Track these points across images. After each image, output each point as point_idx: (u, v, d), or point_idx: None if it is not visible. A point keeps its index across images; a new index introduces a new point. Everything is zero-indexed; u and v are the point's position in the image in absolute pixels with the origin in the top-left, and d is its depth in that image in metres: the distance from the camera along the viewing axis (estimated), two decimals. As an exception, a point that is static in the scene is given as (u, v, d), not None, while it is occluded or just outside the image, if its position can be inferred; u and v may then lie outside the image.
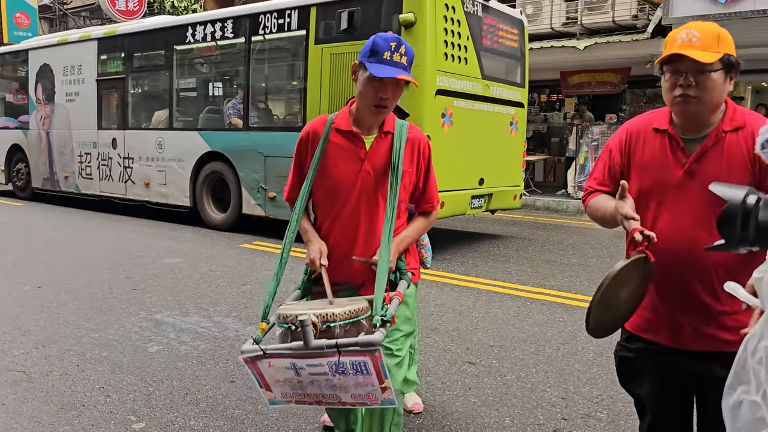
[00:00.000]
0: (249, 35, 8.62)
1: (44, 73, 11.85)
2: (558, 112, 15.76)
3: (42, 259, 7.01)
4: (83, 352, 4.15)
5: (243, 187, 8.75)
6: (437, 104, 7.11)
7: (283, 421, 3.22)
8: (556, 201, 12.08)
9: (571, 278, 6.39)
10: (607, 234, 9.33)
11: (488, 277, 6.37)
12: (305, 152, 2.44)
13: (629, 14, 11.66)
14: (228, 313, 5.04)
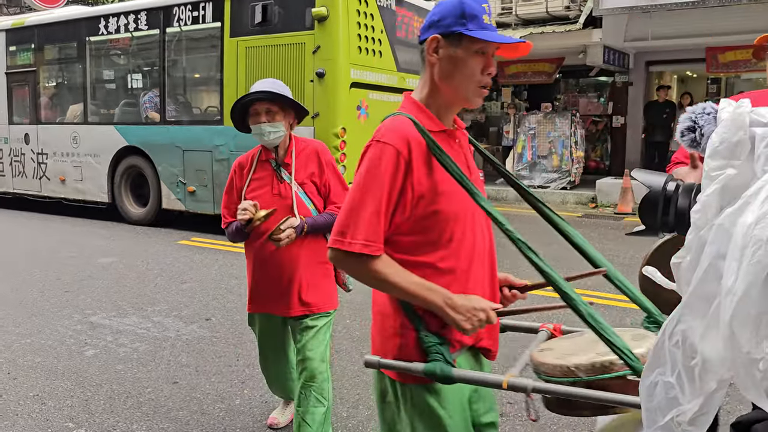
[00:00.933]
0: (164, 27, 8.48)
1: None
2: (495, 102, 16.02)
3: (-35, 263, 6.64)
4: (14, 359, 3.96)
5: (162, 181, 8.62)
6: (352, 97, 7.25)
7: (229, 420, 3.17)
8: (495, 189, 12.31)
9: (513, 268, 6.52)
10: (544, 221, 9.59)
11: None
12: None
13: (562, 5, 11.94)
14: (168, 312, 4.91)
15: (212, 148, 8.02)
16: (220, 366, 3.85)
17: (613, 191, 11.01)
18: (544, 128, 12.14)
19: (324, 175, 2.68)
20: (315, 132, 7.15)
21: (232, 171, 2.74)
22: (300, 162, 2.67)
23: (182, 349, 4.14)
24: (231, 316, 4.82)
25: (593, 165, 14.34)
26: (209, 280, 5.88)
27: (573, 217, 10.03)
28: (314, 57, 7.10)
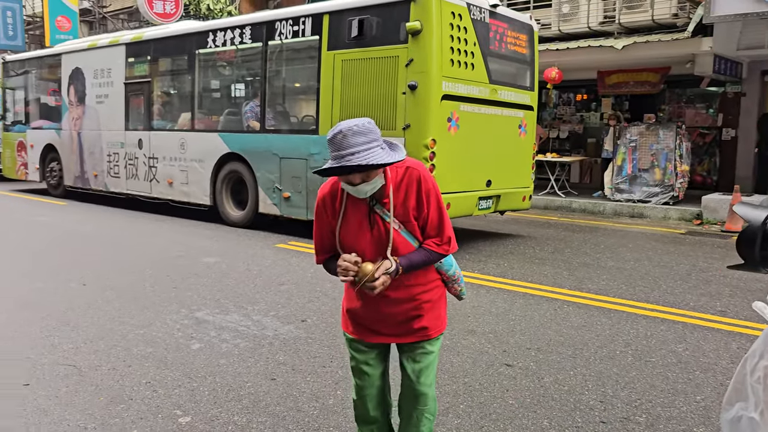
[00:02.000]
0: (266, 41, 8.91)
1: (76, 76, 12.24)
2: (594, 113, 15.56)
3: (86, 257, 7.23)
4: (129, 348, 4.29)
5: (260, 186, 9.02)
6: (443, 109, 7.30)
7: (323, 419, 3.29)
8: (593, 203, 11.95)
9: (608, 281, 6.33)
10: (644, 236, 9.21)
11: (524, 279, 6.35)
12: None
13: (669, 13, 11.45)
14: (266, 312, 5.13)
15: (307, 156, 8.32)
16: (315, 366, 3.99)
17: (721, 208, 10.40)
18: (647, 140, 11.65)
19: (424, 210, 2.34)
20: (405, 142, 7.25)
21: (320, 203, 2.39)
22: (399, 197, 2.33)
23: (279, 347, 4.32)
24: (326, 318, 4.97)
25: (699, 180, 13.62)
26: (305, 283, 6.09)
27: (675, 233, 9.56)
28: (407, 70, 7.23)
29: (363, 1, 7.91)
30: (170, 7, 17.93)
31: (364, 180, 2.23)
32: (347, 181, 2.24)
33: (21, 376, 3.82)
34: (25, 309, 5.20)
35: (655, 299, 5.64)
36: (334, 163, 2.16)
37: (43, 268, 6.68)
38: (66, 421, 3.24)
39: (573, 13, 12.42)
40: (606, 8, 12.24)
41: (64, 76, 12.53)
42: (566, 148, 15.39)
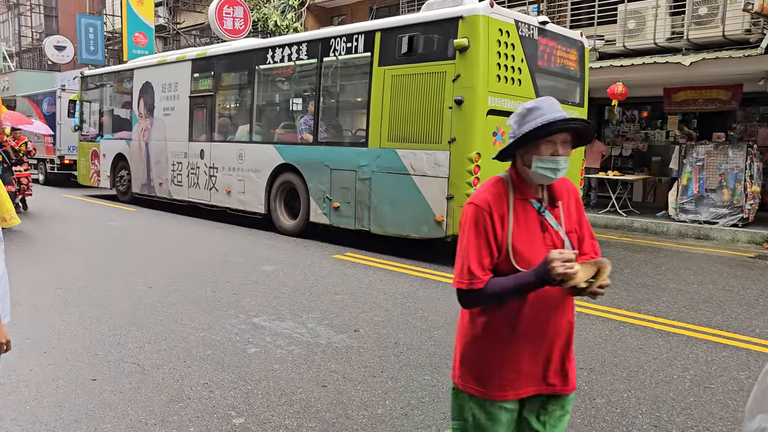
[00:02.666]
0: (321, 57, 9.19)
1: (146, 90, 12.90)
2: (660, 130, 15.13)
3: (152, 261, 7.56)
4: (189, 349, 4.47)
5: (311, 197, 9.27)
6: (489, 123, 7.37)
7: (371, 427, 3.34)
8: (656, 223, 11.60)
9: (669, 304, 6.15)
10: (709, 259, 8.88)
11: (579, 298, 6.23)
12: None
13: (741, 28, 11.06)
14: (320, 320, 5.25)
15: (356, 167, 8.49)
16: (366, 375, 4.06)
17: (795, 232, 9.91)
18: (715, 160, 11.25)
19: (582, 221, 2.11)
20: (451, 156, 7.33)
21: (481, 209, 1.96)
22: (566, 205, 2.06)
23: (332, 355, 4.41)
24: (378, 329, 5.04)
25: (772, 201, 12.99)
26: (359, 294, 6.18)
27: (744, 257, 9.18)
28: (454, 85, 7.32)
29: (413, 18, 8.11)
30: (239, 24, 18.59)
31: (565, 154, 1.95)
32: (550, 153, 1.92)
33: (89, 371, 4.05)
34: (97, 308, 5.50)
35: (718, 324, 5.45)
36: (549, 118, 1.87)
37: (114, 270, 7.03)
38: (128, 416, 3.42)
39: (639, 29, 12.17)
40: (674, 24, 11.94)
41: (136, 90, 13.20)
42: (629, 166, 15.01)
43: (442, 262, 7.81)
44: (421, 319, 5.33)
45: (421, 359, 4.37)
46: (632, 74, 12.09)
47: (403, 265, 7.63)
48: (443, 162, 7.44)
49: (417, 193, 7.74)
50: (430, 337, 4.85)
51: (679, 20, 11.84)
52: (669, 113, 14.40)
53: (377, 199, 8.25)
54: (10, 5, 36.41)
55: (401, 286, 6.58)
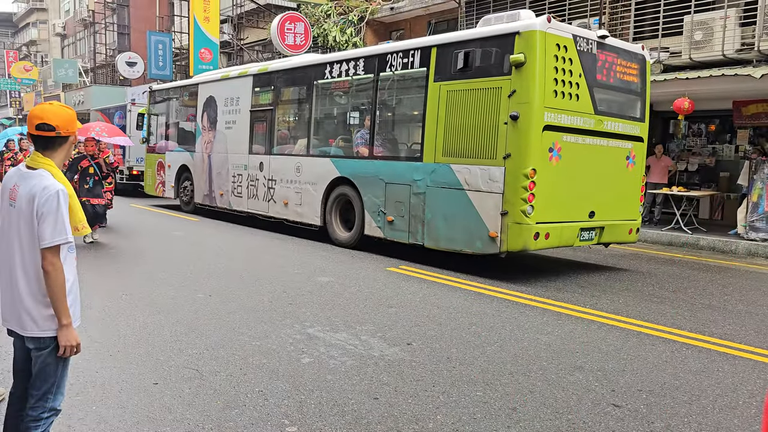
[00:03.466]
0: (378, 72, 9.33)
1: (210, 104, 13.37)
2: (729, 145, 14.56)
3: (213, 271, 7.79)
4: (246, 357, 4.59)
5: (366, 210, 9.37)
6: (545, 139, 7.29)
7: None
8: (723, 241, 11.15)
9: (735, 326, 5.90)
10: (781, 280, 8.47)
11: (640, 317, 6.07)
12: None
13: (817, 39, 10.58)
14: (374, 332, 5.29)
15: (411, 182, 8.53)
16: (417, 389, 4.07)
17: None
18: (788, 176, 10.74)
19: None
20: (506, 171, 7.27)
21: None
22: None
23: (384, 368, 4.44)
24: (431, 343, 5.04)
25: None
26: (413, 307, 6.20)
27: (819, 279, 8.70)
28: (509, 100, 7.27)
29: (469, 34, 8.13)
30: (300, 39, 19.04)
31: None
32: None
33: (151, 375, 4.21)
34: (160, 314, 5.72)
35: (789, 349, 5.19)
36: None
37: (177, 277, 7.29)
38: (187, 421, 3.54)
39: (706, 40, 11.79)
40: (744, 35, 11.52)
41: (200, 104, 13.70)
42: (695, 182, 14.50)
43: (496, 277, 7.74)
44: (474, 335, 5.30)
45: (473, 375, 4.35)
46: (699, 87, 11.71)
47: (457, 279, 7.61)
48: (498, 177, 7.40)
49: (471, 209, 7.72)
50: (483, 353, 4.82)
51: (750, 31, 11.42)
52: (739, 127, 13.85)
53: (431, 214, 8.27)
54: (86, 24, 38.40)
55: (455, 300, 6.56)
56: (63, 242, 2.47)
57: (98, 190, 10.02)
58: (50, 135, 2.55)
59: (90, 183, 9.92)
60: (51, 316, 2.51)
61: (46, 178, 2.50)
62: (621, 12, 13.54)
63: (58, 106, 2.62)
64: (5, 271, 2.58)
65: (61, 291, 2.48)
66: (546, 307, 6.33)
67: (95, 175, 9.97)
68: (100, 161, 10.04)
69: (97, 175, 9.99)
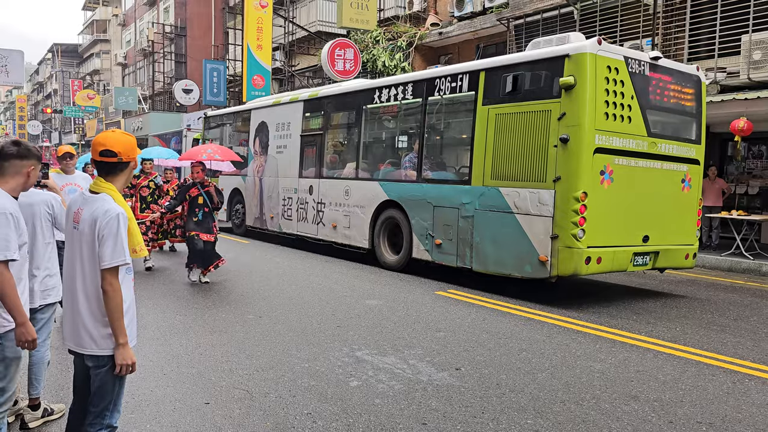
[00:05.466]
0: (426, 96, 9.38)
1: (261, 129, 13.69)
2: (792, 166, 13.99)
3: (263, 292, 7.90)
4: (295, 379, 4.62)
5: (414, 233, 9.37)
6: (596, 162, 7.19)
7: (471, 470, 3.29)
8: (758, 264, 10.66)
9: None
10: None
11: (699, 346, 5.84)
12: None
13: None
14: (422, 357, 5.25)
15: (459, 205, 8.50)
16: (467, 415, 4.01)
17: None
18: None
19: None
20: (556, 195, 7.16)
21: None
22: None
23: (432, 393, 4.40)
24: (479, 369, 4.97)
25: None
26: (462, 331, 6.14)
27: None
28: (559, 123, 7.19)
29: (518, 57, 8.10)
30: (349, 65, 19.34)
31: None
32: None
33: (203, 395, 4.29)
34: (212, 334, 5.83)
35: None
36: None
37: (229, 298, 7.43)
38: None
39: (766, 59, 11.43)
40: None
41: (252, 129, 14.06)
42: (756, 205, 13.95)
43: (546, 302, 7.59)
44: (524, 361, 5.20)
45: (523, 402, 4.26)
46: (759, 108, 11.32)
47: (506, 304, 7.50)
48: (548, 201, 7.30)
49: (520, 232, 7.62)
50: (534, 380, 4.72)
51: (812, 49, 11.01)
52: (802, 149, 13.30)
53: (479, 237, 8.20)
54: (146, 53, 40.07)
55: (504, 325, 6.46)
56: (122, 263, 2.57)
57: (208, 223, 8.66)
58: (112, 161, 2.67)
59: (199, 215, 8.57)
60: (109, 335, 2.60)
61: (108, 201, 2.62)
62: (675, 32, 13.28)
63: (120, 133, 2.74)
64: (68, 291, 2.69)
65: (119, 311, 2.57)
66: (599, 334, 6.16)
67: (205, 206, 8.59)
68: (211, 189, 8.61)
69: (207, 207, 8.60)
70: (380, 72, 19.44)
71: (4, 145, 3.05)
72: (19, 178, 3.04)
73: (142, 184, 10.38)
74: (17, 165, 3.02)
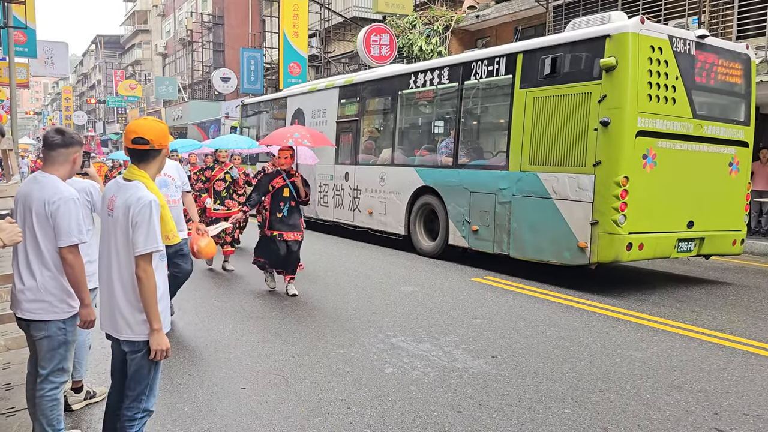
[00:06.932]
0: (462, 80, 9.23)
1: (298, 116, 13.70)
2: None
3: (299, 278, 7.92)
4: (330, 365, 4.63)
5: (450, 219, 9.28)
6: (638, 145, 6.97)
7: (506, 459, 3.24)
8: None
9: None
10: None
11: (746, 335, 5.64)
12: None
13: None
14: (458, 344, 5.20)
15: (496, 191, 8.37)
16: (502, 404, 3.95)
17: None
18: None
19: None
20: (596, 180, 6.98)
21: None
22: None
23: (468, 381, 4.35)
24: (516, 356, 4.90)
25: None
26: (498, 319, 6.06)
27: None
28: (600, 106, 6.99)
29: (557, 39, 7.90)
30: (385, 50, 19.22)
31: None
32: None
33: (240, 380, 4.33)
34: (248, 320, 5.89)
35: None
36: None
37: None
38: (272, 426, 3.60)
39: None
40: None
41: (288, 116, 14.11)
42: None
43: (585, 290, 7.44)
44: (562, 349, 5.10)
45: (561, 391, 4.18)
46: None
47: (544, 291, 7.37)
48: (587, 186, 7.13)
49: (559, 218, 7.47)
50: (572, 368, 4.62)
51: None
52: None
53: (517, 223, 8.07)
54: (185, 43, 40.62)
55: (542, 312, 6.36)
56: (154, 250, 2.59)
57: (296, 219, 7.11)
58: (145, 148, 2.68)
59: (284, 210, 6.99)
60: (144, 321, 2.63)
61: (141, 189, 2.63)
62: (723, 10, 12.76)
63: (152, 120, 2.75)
64: (104, 277, 2.73)
65: (153, 297, 2.59)
66: (640, 322, 6.01)
67: (291, 199, 7.03)
68: (298, 180, 7.04)
69: (294, 200, 7.06)
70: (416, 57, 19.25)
71: (48, 134, 3.12)
72: (67, 165, 3.11)
73: (216, 177, 8.93)
74: (64, 153, 3.08)
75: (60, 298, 3.00)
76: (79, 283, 2.96)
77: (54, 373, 3.04)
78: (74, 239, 2.91)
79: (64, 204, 2.91)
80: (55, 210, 2.90)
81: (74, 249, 2.93)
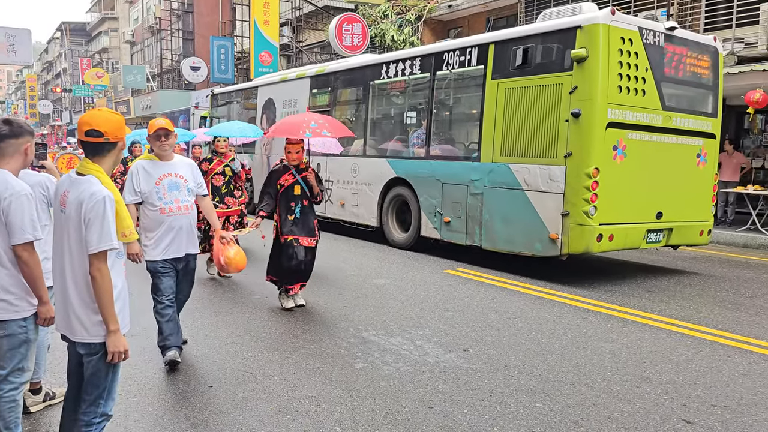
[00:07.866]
0: (434, 71, 9.18)
1: (269, 106, 13.51)
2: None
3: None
4: (299, 361, 4.55)
5: (422, 210, 9.25)
6: (609, 137, 7.00)
7: (477, 455, 3.21)
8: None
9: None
10: None
11: (714, 326, 5.71)
12: None
13: None
14: (429, 337, 5.16)
15: (468, 182, 8.35)
16: (474, 398, 3.92)
17: None
18: None
19: None
20: (567, 171, 7.00)
21: None
22: None
23: (439, 375, 4.31)
24: (488, 350, 4.88)
25: None
26: (470, 311, 6.04)
27: None
28: (571, 97, 6.99)
29: (528, 29, 7.89)
30: (357, 40, 19.06)
31: None
32: None
33: (207, 378, 4.23)
34: (217, 315, 5.78)
35: None
36: None
37: (233, 279, 7.36)
38: (240, 425, 3.52)
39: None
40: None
41: (259, 106, 13.91)
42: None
43: (557, 281, 7.47)
44: (533, 341, 5.10)
45: (532, 384, 4.16)
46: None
47: (516, 283, 7.38)
48: (558, 177, 7.14)
49: (530, 209, 7.47)
50: (543, 361, 4.62)
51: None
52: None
53: (489, 215, 8.06)
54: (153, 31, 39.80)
55: (514, 304, 6.36)
56: (109, 248, 2.47)
57: (309, 222, 6.21)
58: (99, 141, 2.55)
59: (296, 211, 6.08)
60: (100, 322, 2.52)
61: (94, 184, 2.51)
62: (691, 2, 12.91)
63: (107, 112, 2.62)
64: (57, 276, 2.61)
65: (109, 297, 2.48)
66: (610, 313, 6.04)
67: (303, 197, 6.12)
68: (310, 176, 6.17)
69: (306, 198, 6.16)
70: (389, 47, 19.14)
71: None
72: (18, 158, 2.96)
73: (215, 170, 7.68)
74: (14, 144, 2.93)
75: (19, 296, 2.88)
76: (35, 280, 2.83)
77: (14, 373, 2.91)
78: (28, 236, 2.78)
79: (17, 200, 2.77)
80: (6, 206, 2.76)
81: (29, 246, 2.80)
